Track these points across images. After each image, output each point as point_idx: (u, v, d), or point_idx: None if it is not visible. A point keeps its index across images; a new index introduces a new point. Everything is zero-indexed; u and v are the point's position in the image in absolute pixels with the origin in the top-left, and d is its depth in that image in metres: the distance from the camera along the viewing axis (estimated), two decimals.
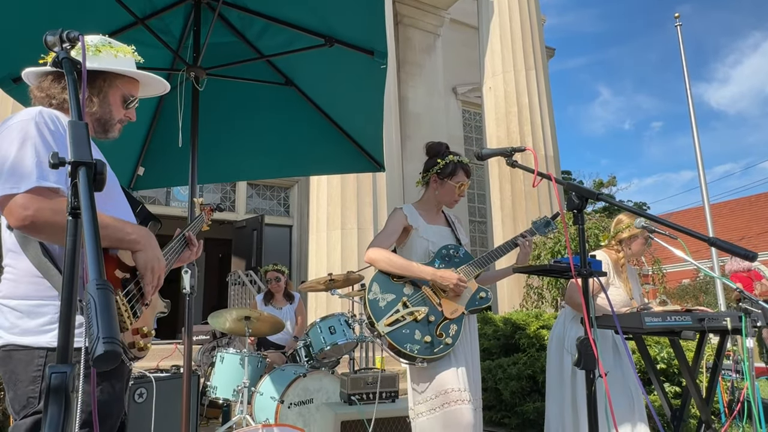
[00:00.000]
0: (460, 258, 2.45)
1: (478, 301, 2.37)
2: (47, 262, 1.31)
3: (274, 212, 11.24)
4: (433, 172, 2.50)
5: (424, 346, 2.18)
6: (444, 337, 2.21)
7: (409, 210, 2.51)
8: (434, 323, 2.24)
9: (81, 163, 0.82)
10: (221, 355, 4.24)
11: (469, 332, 2.42)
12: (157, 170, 4.01)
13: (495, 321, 5.33)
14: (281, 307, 5.04)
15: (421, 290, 2.31)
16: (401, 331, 2.19)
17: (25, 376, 1.31)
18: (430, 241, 2.45)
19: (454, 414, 2.15)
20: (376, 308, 2.24)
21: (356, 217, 7.84)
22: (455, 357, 2.26)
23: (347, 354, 4.22)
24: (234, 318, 4.17)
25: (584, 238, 1.73)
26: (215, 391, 4.15)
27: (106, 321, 0.69)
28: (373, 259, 2.34)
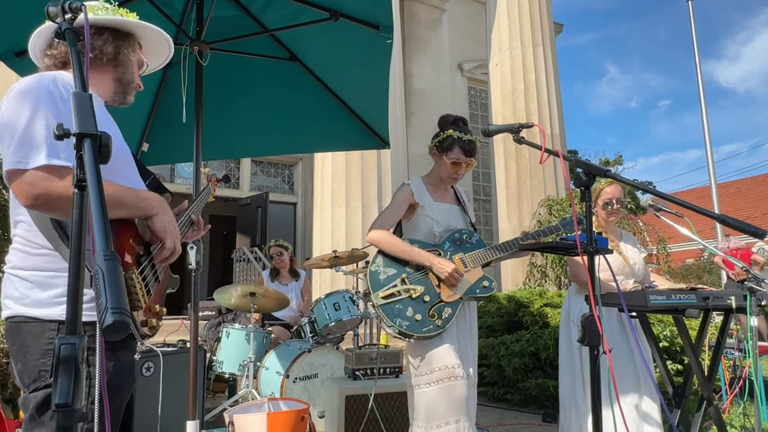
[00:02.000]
0: (472, 244, 2.42)
1: (479, 290, 2.35)
2: (58, 235, 1.31)
3: (279, 189, 11.24)
4: (433, 144, 2.47)
5: (413, 323, 2.20)
6: (435, 318, 2.22)
7: (416, 185, 2.47)
8: (429, 303, 2.25)
9: (86, 135, 0.81)
10: (227, 331, 4.29)
11: (468, 317, 2.41)
12: (161, 146, 4.00)
13: (499, 299, 5.35)
14: (287, 284, 5.07)
15: (424, 270, 2.31)
16: (394, 305, 2.22)
17: (36, 349, 1.31)
18: (435, 220, 2.43)
19: (448, 390, 2.18)
20: (375, 280, 2.26)
21: (361, 194, 7.83)
22: (449, 336, 2.27)
23: (351, 330, 4.26)
24: (239, 294, 4.20)
25: (591, 216, 1.72)
26: (221, 365, 4.21)
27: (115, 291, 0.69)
28: (374, 239, 2.33)
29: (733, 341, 4.61)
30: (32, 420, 1.30)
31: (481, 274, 2.38)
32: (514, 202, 8.34)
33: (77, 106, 0.84)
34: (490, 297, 2.45)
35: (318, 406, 3.78)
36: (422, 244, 2.35)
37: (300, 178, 11.28)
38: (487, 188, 12.80)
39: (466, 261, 2.35)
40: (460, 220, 2.53)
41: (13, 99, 1.31)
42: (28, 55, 1.56)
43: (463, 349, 2.32)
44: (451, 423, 2.15)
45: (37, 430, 1.29)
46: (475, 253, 2.38)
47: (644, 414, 2.65)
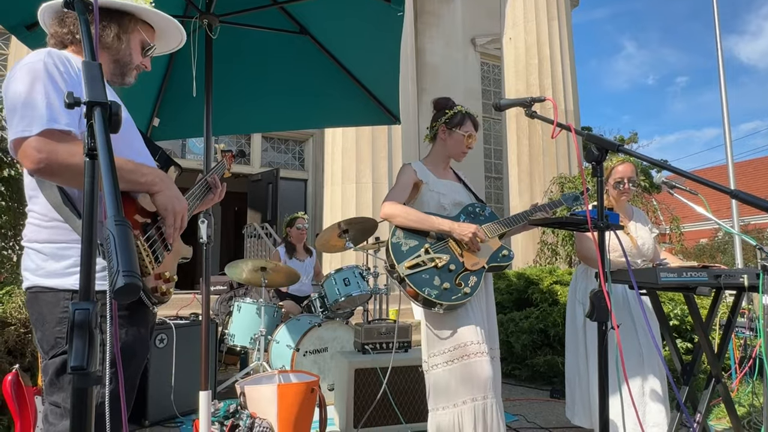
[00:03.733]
0: (486, 217, 2.46)
1: (500, 258, 2.38)
2: (66, 206, 1.33)
3: (289, 166, 11.25)
4: (441, 122, 2.49)
5: (441, 292, 2.20)
6: (463, 287, 2.23)
7: (417, 166, 2.51)
8: (454, 272, 2.26)
9: (96, 103, 0.82)
10: (238, 305, 4.35)
11: (486, 289, 2.44)
12: (172, 121, 4.01)
13: (508, 276, 5.36)
14: (304, 260, 5.11)
15: (445, 240, 2.33)
16: (421, 275, 2.22)
17: (52, 318, 1.35)
18: (441, 193, 2.45)
19: (473, 366, 2.18)
20: (398, 251, 2.27)
21: (371, 170, 7.82)
22: (473, 312, 2.28)
23: (361, 305, 4.30)
24: (250, 269, 4.25)
25: (603, 191, 1.71)
26: (233, 338, 4.28)
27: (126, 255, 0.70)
28: (389, 214, 2.34)
29: (744, 320, 4.60)
30: (52, 385, 1.35)
31: (499, 243, 2.42)
32: (526, 179, 8.29)
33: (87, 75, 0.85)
34: (509, 266, 2.47)
35: (328, 379, 3.85)
36: (437, 216, 2.37)
37: (310, 154, 11.27)
38: (498, 166, 12.71)
39: (483, 231, 2.37)
40: (465, 195, 2.56)
41: (13, 79, 1.35)
42: (39, 28, 1.56)
43: (483, 323, 2.34)
44: (479, 399, 2.16)
45: (57, 394, 1.34)
46: (490, 225, 2.41)
47: (649, 390, 2.67)
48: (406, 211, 2.33)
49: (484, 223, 2.42)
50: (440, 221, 2.31)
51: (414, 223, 2.31)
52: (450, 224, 2.30)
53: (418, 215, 2.32)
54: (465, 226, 2.30)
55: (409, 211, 2.34)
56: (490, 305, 2.47)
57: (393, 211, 2.33)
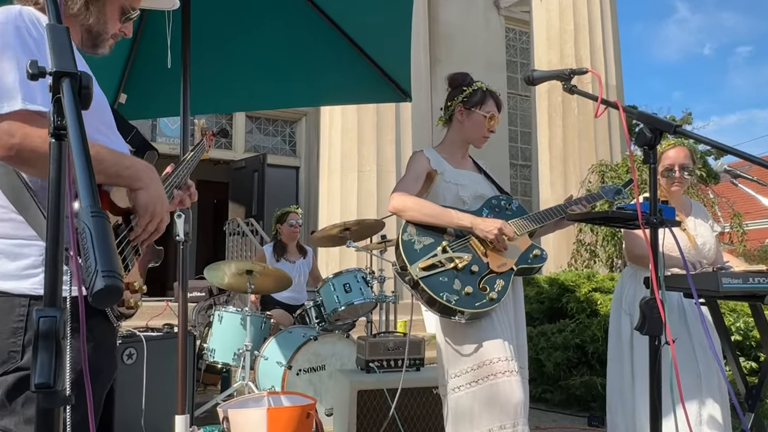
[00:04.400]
0: (513, 211, 2.45)
1: (530, 259, 2.38)
2: (26, 196, 1.32)
3: (278, 151, 11.27)
4: (459, 101, 2.49)
5: (463, 297, 2.18)
6: (488, 291, 2.22)
7: (431, 154, 2.51)
8: (478, 275, 2.25)
9: (64, 74, 0.82)
10: (219, 314, 4.36)
11: (515, 295, 2.44)
12: (141, 98, 4.01)
13: (539, 281, 5.36)
14: (295, 261, 5.10)
15: (466, 237, 2.33)
16: (438, 278, 2.21)
17: (4, 327, 1.32)
18: (459, 185, 2.45)
19: (501, 388, 2.16)
20: (410, 250, 2.26)
21: (376, 156, 7.82)
22: (500, 323, 2.28)
23: (364, 316, 4.30)
24: (234, 272, 4.26)
25: (656, 180, 1.70)
26: (213, 354, 4.30)
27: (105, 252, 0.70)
28: (399, 207, 2.34)
29: None
30: (2, 407, 1.32)
31: (529, 242, 2.41)
32: (559, 167, 8.27)
33: (53, 41, 0.85)
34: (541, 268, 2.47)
35: (325, 402, 3.86)
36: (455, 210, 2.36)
37: (304, 137, 11.28)
38: (526, 151, 12.69)
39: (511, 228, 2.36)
40: (487, 187, 2.56)
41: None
42: None
43: (512, 333, 2.33)
44: (507, 427, 2.14)
45: (8, 418, 1.30)
46: (518, 221, 2.41)
47: (707, 417, 2.66)
48: (420, 204, 2.33)
49: (511, 218, 2.41)
50: (460, 215, 2.31)
51: (429, 217, 2.31)
52: (471, 219, 2.30)
53: (434, 208, 2.32)
54: (489, 221, 2.30)
55: (423, 203, 2.34)
56: (519, 316, 2.46)
57: (404, 203, 2.33)
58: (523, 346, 2.44)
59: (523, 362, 2.40)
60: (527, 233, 2.42)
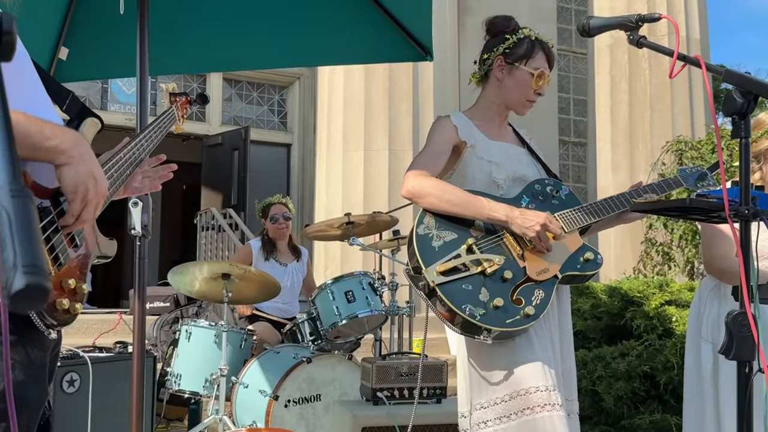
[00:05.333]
0: (561, 200, 2.43)
1: (581, 265, 2.34)
2: None
3: (264, 123, 11.28)
4: (499, 53, 2.46)
5: (492, 312, 2.16)
6: (523, 305, 2.19)
7: (459, 119, 2.48)
8: (511, 283, 2.23)
9: None
10: (187, 330, 4.37)
11: (560, 307, 2.43)
12: (87, 54, 4.01)
13: (595, 291, 5.33)
14: (287, 264, 5.11)
15: (498, 234, 2.31)
16: (460, 285, 2.18)
17: None
18: (494, 163, 2.43)
19: (540, 426, 2.15)
20: (426, 248, 2.24)
21: (387, 131, 7.81)
22: (539, 343, 2.26)
23: (371, 332, 4.29)
24: (206, 276, 4.27)
25: (748, 160, 1.67)
26: (178, 381, 4.31)
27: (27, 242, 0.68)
28: (415, 190, 2.32)
29: None
30: None
31: (580, 242, 2.38)
32: (624, 145, 8.22)
33: None
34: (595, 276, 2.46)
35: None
36: (487, 196, 2.33)
37: (296, 106, 11.29)
38: (580, 125, 12.63)
39: (557, 223, 2.34)
40: (530, 166, 2.54)
41: None
42: None
43: (555, 355, 2.32)
44: None
45: None
46: (568, 213, 2.38)
47: None
48: (442, 188, 2.31)
49: (558, 209, 2.38)
50: (493, 205, 2.28)
51: (453, 206, 2.28)
52: (507, 210, 2.27)
53: (460, 195, 2.30)
54: (530, 213, 2.27)
55: (445, 187, 2.32)
56: (566, 334, 2.45)
57: (421, 185, 2.31)
58: (570, 373, 2.43)
59: (570, 393, 2.39)
60: (578, 230, 2.39)
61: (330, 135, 8.10)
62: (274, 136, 11.25)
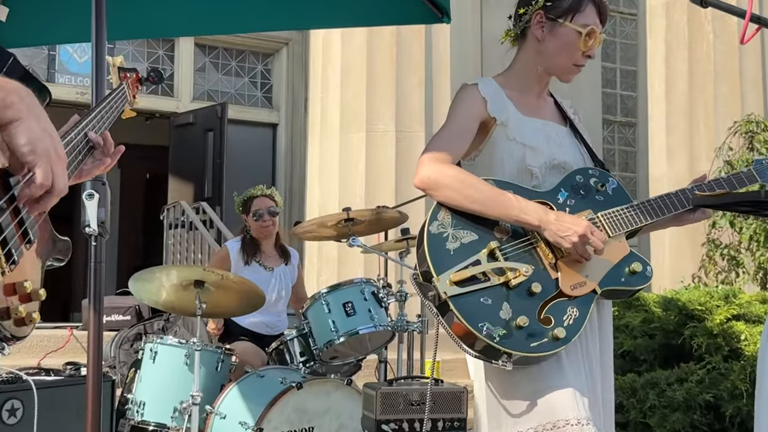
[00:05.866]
0: (607, 195, 2.41)
1: (625, 278, 2.33)
2: None
3: (245, 99, 11.29)
4: (538, 6, 2.44)
5: (514, 333, 2.16)
6: (552, 326, 2.19)
7: (488, 88, 2.46)
8: (539, 298, 2.23)
9: None
10: (152, 348, 4.38)
11: (598, 325, 2.43)
12: (31, 15, 4.01)
13: (646, 302, 5.33)
14: (273, 268, 5.10)
15: (528, 238, 2.30)
16: (478, 298, 2.18)
17: None
18: (528, 146, 2.42)
19: None
20: (439, 250, 2.23)
21: (394, 108, 7.80)
22: (571, 365, 2.26)
23: (375, 353, 4.29)
24: (175, 283, 4.27)
25: None
26: (141, 410, 4.31)
27: None
28: (430, 180, 2.31)
29: None
30: None
31: (626, 249, 2.36)
32: (682, 126, 8.22)
33: None
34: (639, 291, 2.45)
35: None
36: (516, 189, 2.33)
37: (284, 78, 11.28)
38: (628, 102, 12.60)
39: (601, 224, 2.34)
40: (573, 151, 2.53)
41: None
42: None
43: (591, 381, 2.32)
44: None
45: None
46: (615, 213, 2.37)
47: None
48: (463, 180, 2.30)
49: (602, 207, 2.37)
50: (524, 205, 2.27)
51: (474, 203, 2.27)
52: (541, 213, 2.25)
53: (485, 190, 2.29)
54: (568, 220, 2.25)
55: (467, 179, 2.31)
56: (605, 356, 2.44)
57: (439, 175, 2.30)
58: (608, 402, 2.43)
59: (608, 425, 2.40)
60: (626, 234, 2.38)
61: (325, 113, 8.09)
62: (256, 114, 11.25)
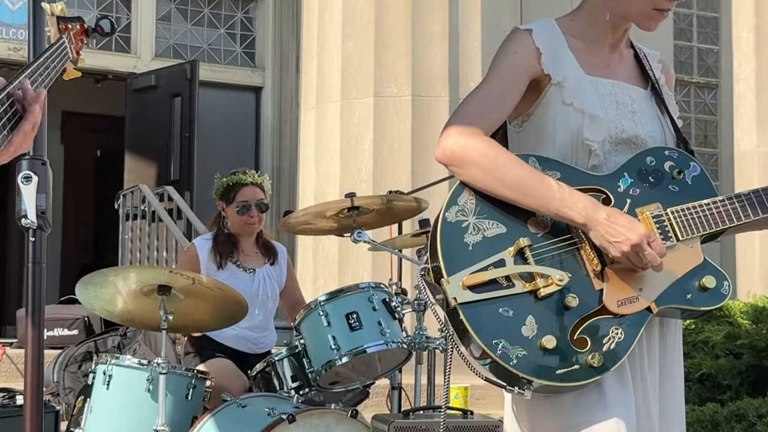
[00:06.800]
0: (684, 185, 2.40)
1: (692, 295, 2.31)
2: None
3: (221, 56, 11.31)
4: None
5: (536, 355, 2.16)
6: (588, 349, 2.19)
7: (545, 35, 2.44)
8: (574, 313, 2.22)
9: None
10: (106, 371, 4.40)
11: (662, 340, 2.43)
12: None
13: (731, 314, 5.34)
14: (254, 269, 5.11)
15: (570, 236, 2.30)
16: (497, 308, 2.18)
17: None
18: (587, 114, 2.39)
19: None
20: (455, 243, 2.23)
21: (410, 67, 7.81)
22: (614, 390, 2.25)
23: (387, 376, 4.31)
24: (134, 289, 4.29)
25: None
26: None
27: None
28: (455, 155, 2.31)
29: None
30: None
31: (699, 258, 2.34)
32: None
33: None
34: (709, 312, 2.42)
35: None
36: (565, 171, 2.33)
37: (270, 29, 11.30)
38: (708, 57, 12.58)
39: (669, 223, 2.33)
40: (650, 122, 2.51)
41: None
42: None
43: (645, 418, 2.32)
44: None
45: None
46: (692, 210, 2.35)
47: None
48: (493, 157, 2.29)
49: (675, 201, 2.36)
50: (567, 197, 2.25)
51: (506, 188, 2.27)
52: (588, 209, 2.23)
53: (521, 174, 2.28)
54: (622, 221, 2.22)
55: (500, 158, 2.30)
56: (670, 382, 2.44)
57: (466, 148, 2.30)
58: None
59: None
60: (701, 237, 2.37)
61: (322, 73, 8.09)
62: (235, 74, 11.30)
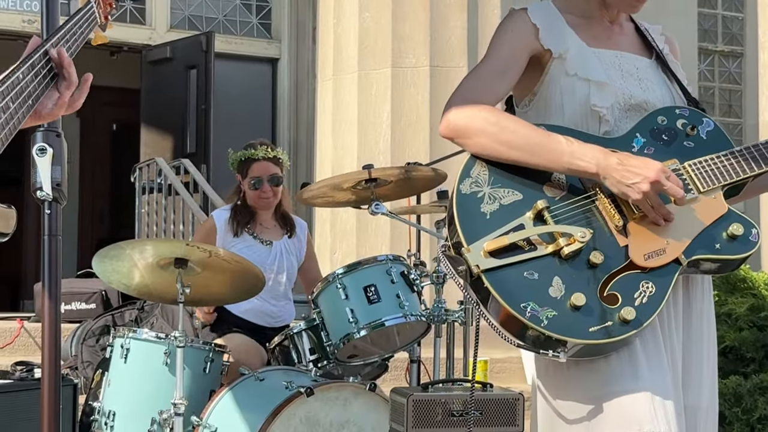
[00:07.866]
0: (699, 140, 2.40)
1: (720, 244, 2.30)
2: None
3: (237, 27, 11.28)
4: None
5: (567, 315, 2.14)
6: (619, 305, 2.17)
7: (541, 13, 2.46)
8: (602, 270, 2.21)
9: None
10: (124, 345, 4.41)
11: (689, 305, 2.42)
12: None
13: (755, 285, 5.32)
14: (272, 242, 5.10)
15: (587, 194, 2.30)
16: (521, 272, 2.18)
17: None
18: (593, 81, 2.40)
19: None
20: (472, 214, 2.24)
21: (428, 38, 7.80)
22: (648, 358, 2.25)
23: (405, 349, 4.31)
24: (151, 262, 4.29)
25: None
26: (111, 422, 4.36)
27: None
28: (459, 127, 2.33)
29: None
30: None
31: (724, 207, 2.34)
32: None
33: None
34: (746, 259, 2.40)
35: None
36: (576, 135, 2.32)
37: (286, 0, 11.26)
38: (732, 25, 12.49)
39: (688, 175, 2.33)
40: (657, 87, 2.52)
41: None
42: None
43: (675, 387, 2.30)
44: None
45: None
46: (709, 162, 2.35)
47: None
48: (496, 121, 2.31)
49: (692, 155, 2.36)
50: (576, 149, 2.25)
51: (513, 149, 2.27)
52: (599, 156, 2.24)
53: (526, 133, 2.29)
54: (635, 162, 2.22)
55: (503, 122, 2.32)
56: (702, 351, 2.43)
57: (469, 119, 2.32)
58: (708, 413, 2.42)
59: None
60: (723, 188, 2.36)
61: (339, 44, 8.06)
62: (251, 46, 11.28)
